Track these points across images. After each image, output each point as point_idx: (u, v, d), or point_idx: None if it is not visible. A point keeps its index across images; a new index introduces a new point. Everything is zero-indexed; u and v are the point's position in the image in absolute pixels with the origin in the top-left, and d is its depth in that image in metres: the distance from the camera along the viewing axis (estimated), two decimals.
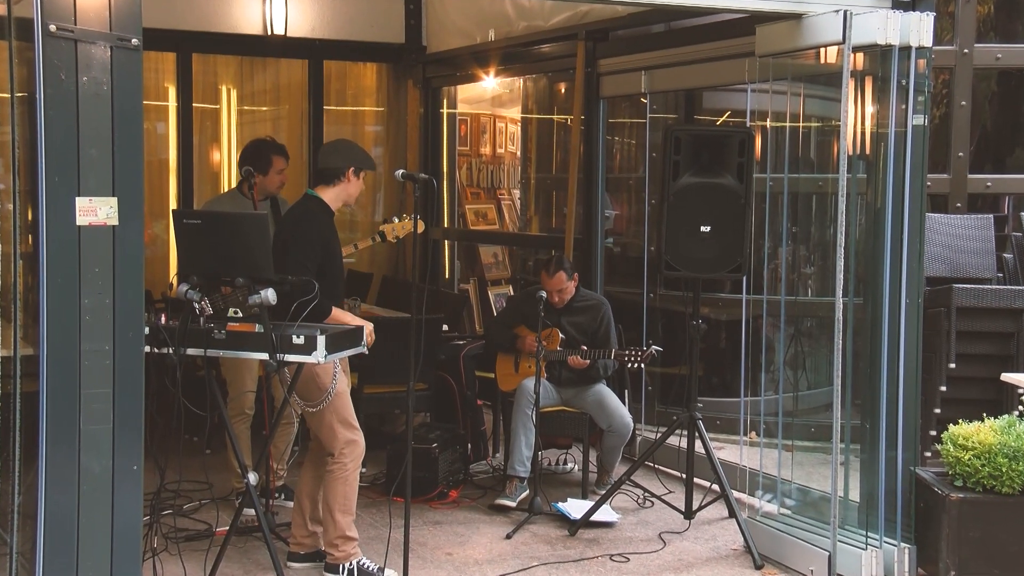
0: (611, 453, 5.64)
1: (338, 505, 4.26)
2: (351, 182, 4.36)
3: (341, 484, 4.26)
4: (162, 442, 4.08)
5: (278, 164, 5.23)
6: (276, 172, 5.22)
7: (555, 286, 5.52)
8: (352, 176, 4.35)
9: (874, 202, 4.57)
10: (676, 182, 4.78)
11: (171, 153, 7.63)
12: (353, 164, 4.34)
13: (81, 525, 3.25)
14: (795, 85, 4.89)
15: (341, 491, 4.26)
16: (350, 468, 4.27)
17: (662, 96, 6.79)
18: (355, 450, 4.27)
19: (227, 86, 7.95)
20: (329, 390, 4.16)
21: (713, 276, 5.04)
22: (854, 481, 4.69)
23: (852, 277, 4.67)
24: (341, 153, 4.37)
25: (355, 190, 4.40)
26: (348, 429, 4.26)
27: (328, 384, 4.17)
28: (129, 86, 3.26)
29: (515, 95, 9.06)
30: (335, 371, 4.18)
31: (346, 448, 4.25)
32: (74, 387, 3.22)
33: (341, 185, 4.35)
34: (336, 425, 4.23)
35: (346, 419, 4.26)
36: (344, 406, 4.27)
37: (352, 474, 4.28)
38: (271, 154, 5.24)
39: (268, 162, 5.20)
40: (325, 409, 4.20)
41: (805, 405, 5.90)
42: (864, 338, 4.62)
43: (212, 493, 5.08)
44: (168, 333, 3.93)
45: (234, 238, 3.95)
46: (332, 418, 4.23)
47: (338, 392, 4.22)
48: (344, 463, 4.25)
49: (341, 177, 4.33)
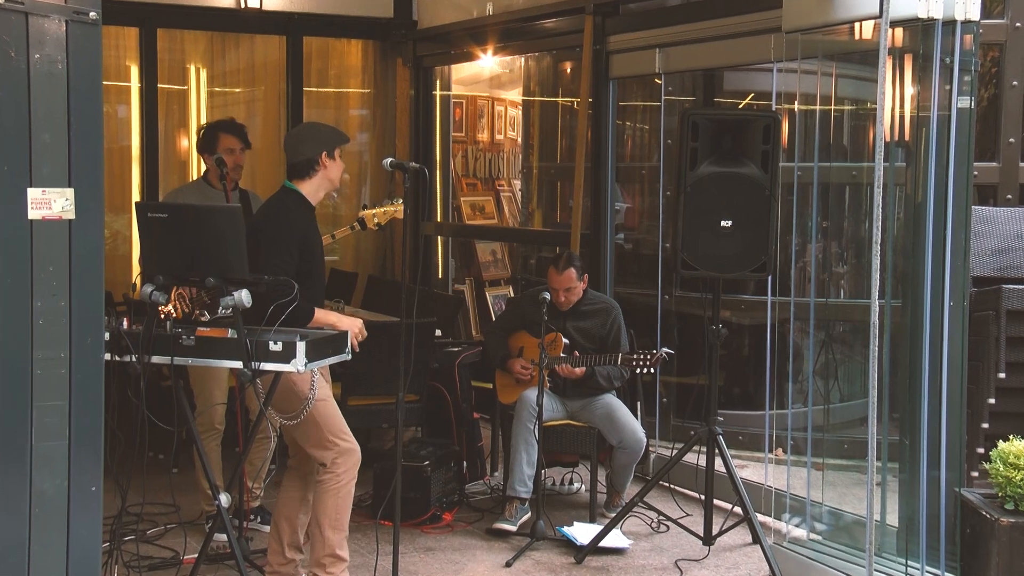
0: (622, 472, 5.63)
1: (328, 520, 4.24)
2: (329, 167, 4.34)
3: (332, 497, 4.24)
4: (124, 460, 4.07)
5: (225, 142, 5.19)
6: (227, 152, 5.18)
7: (564, 284, 5.51)
8: (328, 160, 4.33)
9: (914, 194, 4.56)
10: (694, 172, 4.77)
11: (134, 139, 7.63)
12: (325, 147, 4.32)
13: (33, 553, 3.23)
14: (826, 64, 4.88)
15: (332, 504, 4.25)
16: (344, 479, 4.25)
17: (678, 76, 6.79)
18: (349, 459, 4.27)
19: (196, 65, 7.95)
20: (308, 398, 4.15)
21: (735, 276, 5.03)
22: (892, 504, 4.68)
23: (889, 277, 4.66)
24: (308, 139, 4.34)
25: (336, 173, 4.38)
26: (339, 437, 4.25)
27: (307, 392, 4.16)
28: (87, 64, 3.25)
29: (516, 75, 9.06)
30: (313, 377, 4.16)
31: (339, 458, 4.24)
32: (25, 399, 3.20)
33: (319, 174, 4.33)
34: (325, 435, 4.22)
35: (335, 427, 4.25)
36: (331, 413, 4.26)
37: (346, 486, 4.27)
38: (217, 132, 5.23)
39: (214, 141, 5.19)
40: (309, 420, 4.19)
41: (837, 419, 5.90)
42: (903, 345, 4.61)
43: (179, 517, 5.05)
44: (131, 339, 3.92)
45: (204, 234, 3.94)
46: (319, 428, 4.22)
47: (321, 399, 4.21)
48: (337, 473, 4.24)
49: (316, 166, 4.31)
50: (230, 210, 4.18)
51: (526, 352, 5.71)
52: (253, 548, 4.91)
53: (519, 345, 5.77)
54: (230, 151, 5.18)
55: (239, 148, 5.21)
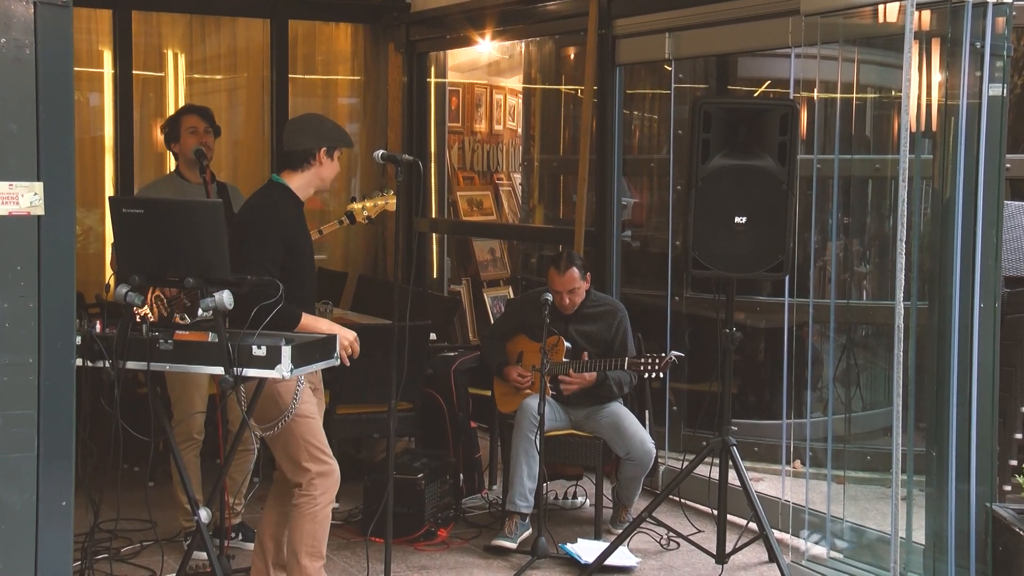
0: (629, 485, 5.63)
1: (304, 547, 4.24)
2: (324, 164, 4.34)
3: (309, 522, 4.24)
4: (96, 473, 4.06)
5: (187, 122, 5.21)
6: (188, 131, 5.19)
7: (566, 286, 5.51)
8: (325, 158, 4.33)
9: (942, 188, 4.56)
10: (706, 164, 4.78)
11: (107, 130, 7.62)
12: (325, 143, 4.33)
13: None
14: (848, 49, 4.89)
15: (309, 530, 4.24)
16: (321, 503, 4.25)
17: (690, 63, 6.79)
18: (326, 481, 4.26)
19: (173, 50, 7.94)
20: (288, 410, 4.14)
21: (750, 276, 5.03)
22: (918, 519, 4.69)
23: (915, 277, 4.67)
24: (310, 131, 4.35)
25: (329, 173, 4.39)
26: (316, 458, 4.24)
27: (288, 402, 4.15)
28: (57, 49, 3.24)
29: (516, 62, 9.06)
30: (297, 387, 4.16)
31: (316, 479, 4.23)
32: None
33: (312, 169, 4.33)
34: (302, 453, 4.21)
35: (314, 446, 4.24)
36: (311, 431, 4.25)
37: (323, 510, 4.26)
38: (180, 114, 5.25)
39: (177, 125, 5.20)
40: (287, 434, 4.18)
41: (859, 429, 5.90)
42: (930, 349, 4.61)
43: (156, 534, 5.05)
44: (104, 343, 3.92)
45: (183, 231, 3.93)
46: (297, 445, 4.21)
47: (303, 412, 4.20)
48: (313, 496, 4.23)
49: (311, 160, 4.31)
50: (210, 205, 4.18)
51: (526, 358, 5.71)
52: (235, 567, 4.90)
53: (518, 350, 5.77)
54: (192, 131, 5.18)
55: (202, 128, 5.20)
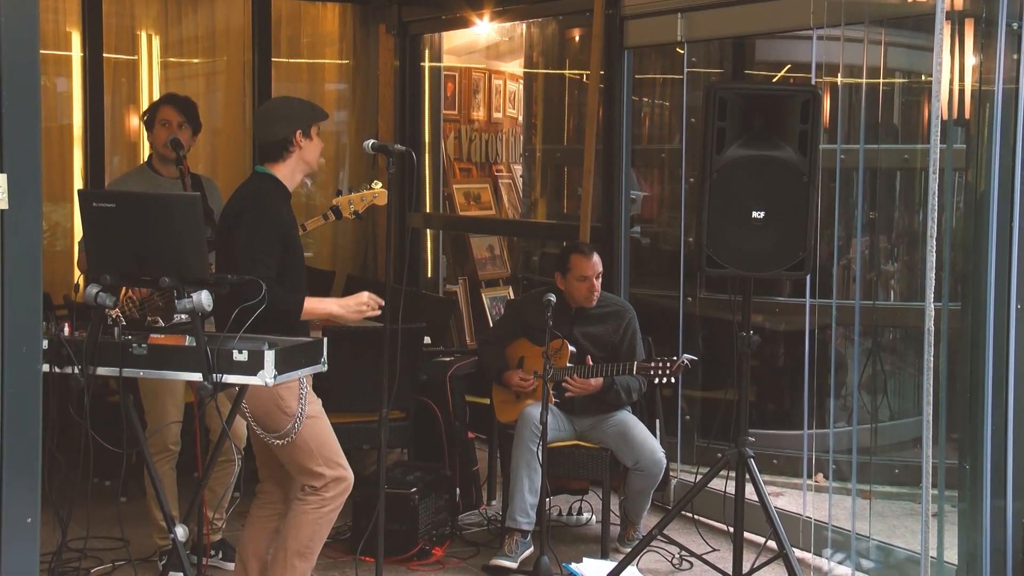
0: (638, 499, 5.63)
1: (299, 545, 4.23)
2: (304, 147, 4.34)
3: (311, 524, 4.24)
4: (64, 487, 4.06)
5: (163, 113, 5.22)
6: (160, 124, 5.20)
7: (595, 269, 5.59)
8: (303, 140, 4.32)
9: (976, 180, 4.56)
10: (721, 155, 4.77)
11: (76, 117, 7.62)
12: (299, 126, 4.31)
13: None
14: (874, 30, 4.88)
15: (308, 532, 4.24)
16: (330, 506, 4.26)
17: (704, 45, 6.79)
18: (339, 485, 4.27)
19: (147, 32, 7.94)
20: (298, 414, 4.15)
21: (768, 275, 5.03)
22: (950, 537, 4.68)
23: (947, 276, 4.66)
24: (279, 118, 4.33)
25: (312, 153, 4.39)
26: (330, 464, 4.24)
27: (295, 407, 4.15)
28: (20, 32, 3.24)
29: (516, 44, 9.06)
30: (302, 390, 4.16)
31: (331, 483, 4.25)
32: None
33: (293, 156, 4.33)
34: (316, 459, 4.21)
35: (328, 451, 4.25)
36: (320, 430, 4.24)
37: (330, 515, 4.27)
38: (158, 104, 5.28)
39: (153, 113, 5.22)
40: (299, 439, 4.18)
41: (887, 440, 5.90)
42: (963, 354, 4.61)
43: (129, 553, 5.06)
44: (73, 348, 3.92)
45: (159, 226, 3.93)
46: (310, 451, 4.21)
47: (313, 416, 4.20)
48: (324, 497, 4.24)
49: (289, 148, 4.31)
50: (188, 199, 4.18)
51: (527, 363, 5.71)
52: None
53: (519, 355, 5.77)
54: (164, 124, 5.19)
55: (176, 122, 5.21)
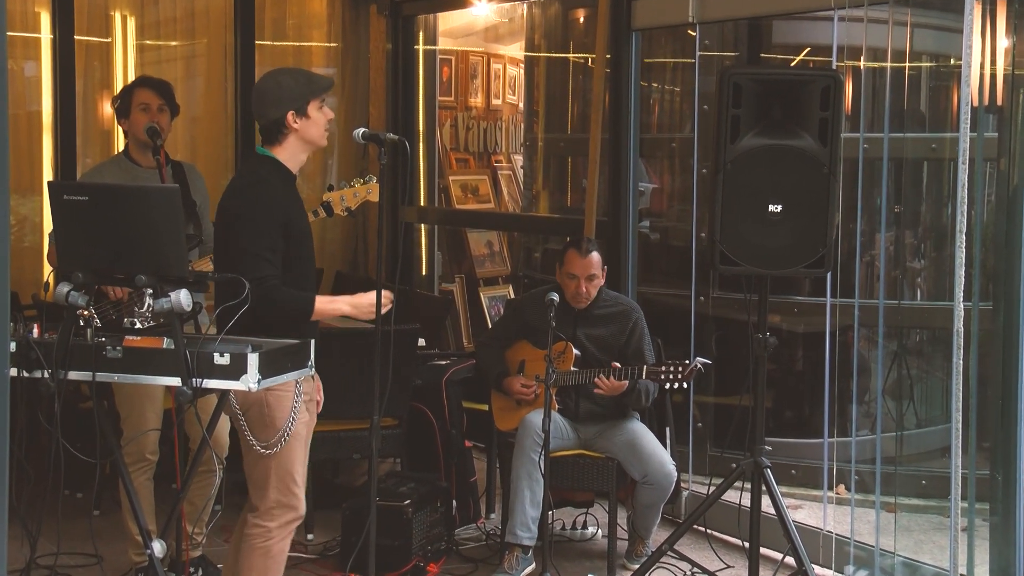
0: (647, 513, 5.63)
1: None
2: (302, 126, 4.26)
3: (260, 557, 4.22)
4: (33, 500, 4.06)
5: (140, 96, 5.20)
6: (139, 108, 5.18)
7: (586, 270, 5.53)
8: (298, 119, 4.26)
9: (1008, 171, 4.56)
10: (736, 145, 4.77)
11: (45, 104, 7.61)
12: (291, 107, 4.27)
13: None
14: (899, 11, 4.88)
15: (261, 566, 4.23)
16: (275, 537, 4.24)
17: (717, 27, 6.79)
18: (286, 515, 4.24)
19: (122, 12, 7.94)
20: (286, 428, 4.14)
21: (786, 273, 5.03)
22: (981, 553, 4.68)
23: (977, 274, 4.66)
24: (270, 99, 4.27)
25: (314, 131, 4.32)
26: (285, 487, 4.22)
27: (283, 420, 4.14)
28: None
29: (517, 26, 9.06)
30: (295, 402, 4.15)
31: (276, 509, 4.22)
32: None
33: (291, 137, 4.27)
34: (270, 475, 4.20)
35: (289, 474, 4.23)
36: (287, 451, 4.23)
37: (277, 545, 4.25)
38: (133, 87, 5.26)
39: (128, 99, 5.21)
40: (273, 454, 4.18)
41: (913, 449, 5.90)
42: (994, 357, 4.60)
43: (102, 569, 5.06)
44: (43, 350, 3.91)
45: (135, 220, 3.92)
46: (271, 467, 4.20)
47: (293, 433, 4.19)
48: (267, 528, 4.22)
49: (284, 129, 4.26)
50: (166, 191, 4.17)
51: (528, 367, 5.70)
52: None
53: (520, 358, 5.77)
54: (143, 107, 5.17)
55: (156, 105, 5.19)
